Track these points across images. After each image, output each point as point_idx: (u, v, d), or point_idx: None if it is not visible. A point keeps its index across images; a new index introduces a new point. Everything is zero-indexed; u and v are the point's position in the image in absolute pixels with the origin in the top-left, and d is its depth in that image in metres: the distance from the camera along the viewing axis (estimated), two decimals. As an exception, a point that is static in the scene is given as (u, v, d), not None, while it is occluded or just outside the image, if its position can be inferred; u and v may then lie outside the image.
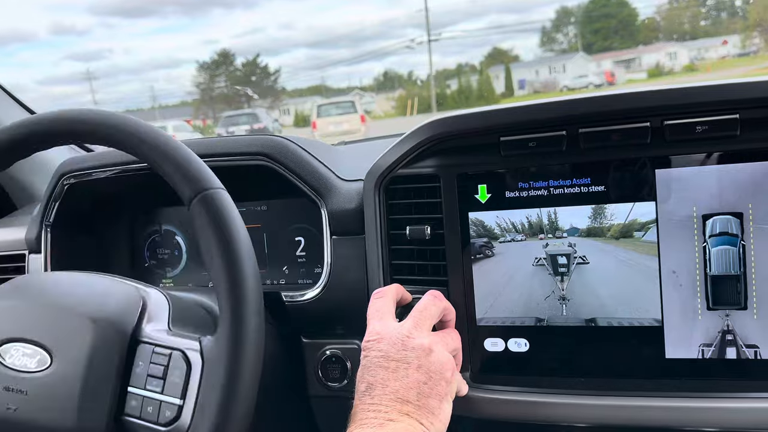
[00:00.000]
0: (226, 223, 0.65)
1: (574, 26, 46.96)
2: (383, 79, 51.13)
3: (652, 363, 0.79)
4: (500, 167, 0.82)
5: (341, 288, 0.96)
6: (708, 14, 36.88)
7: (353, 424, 0.66)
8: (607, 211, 0.78)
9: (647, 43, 37.39)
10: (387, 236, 0.90)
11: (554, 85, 32.56)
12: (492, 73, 40.53)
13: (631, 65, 33.36)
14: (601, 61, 35.75)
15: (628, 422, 0.79)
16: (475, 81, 39.45)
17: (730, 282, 0.75)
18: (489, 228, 0.83)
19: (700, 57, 32.05)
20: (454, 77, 43.02)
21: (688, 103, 0.75)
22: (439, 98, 33.50)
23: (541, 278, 0.82)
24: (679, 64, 31.05)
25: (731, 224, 0.74)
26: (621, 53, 36.75)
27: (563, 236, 0.81)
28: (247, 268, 0.64)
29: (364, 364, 0.71)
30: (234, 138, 1.03)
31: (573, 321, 0.81)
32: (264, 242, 1.11)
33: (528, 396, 0.83)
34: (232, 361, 0.63)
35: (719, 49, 30.75)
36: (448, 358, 0.72)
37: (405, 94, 38.48)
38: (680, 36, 36.84)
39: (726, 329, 0.76)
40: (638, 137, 0.76)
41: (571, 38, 46.71)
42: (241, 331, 0.63)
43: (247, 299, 0.64)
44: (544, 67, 39.28)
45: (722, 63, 26.91)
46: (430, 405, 0.67)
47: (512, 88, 36.69)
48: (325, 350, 1.00)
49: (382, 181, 0.89)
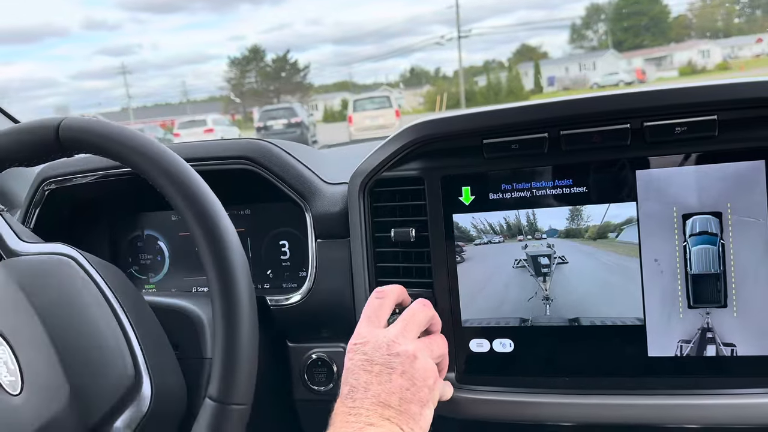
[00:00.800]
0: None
1: (604, 23, 46.61)
2: (410, 75, 50.91)
3: (634, 361, 0.80)
4: (484, 169, 0.83)
5: (326, 291, 0.96)
6: (742, 11, 36.76)
7: (333, 425, 0.66)
8: (584, 212, 0.80)
9: (679, 40, 37.11)
10: (372, 239, 0.90)
11: (584, 83, 32.29)
12: (521, 69, 40.25)
13: (662, 63, 33.14)
14: (632, 58, 35.39)
15: (612, 420, 0.80)
16: (504, 77, 39.30)
17: (710, 280, 0.76)
18: (470, 230, 0.84)
19: (734, 55, 31.71)
20: (482, 74, 42.90)
21: (667, 104, 0.76)
22: (467, 94, 33.41)
23: (524, 279, 0.83)
24: (713, 62, 30.66)
25: (710, 223, 0.76)
26: (652, 51, 36.40)
27: (542, 237, 0.82)
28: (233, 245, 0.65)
29: (348, 367, 0.71)
30: (217, 142, 1.03)
31: (557, 321, 0.82)
32: (248, 246, 1.10)
33: (513, 396, 0.84)
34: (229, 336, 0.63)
35: (753, 47, 30.46)
36: (432, 366, 0.72)
37: (434, 90, 38.34)
38: (713, 34, 36.53)
39: (706, 327, 0.77)
40: (619, 139, 0.78)
41: (601, 35, 46.42)
42: (235, 305, 0.63)
43: (239, 284, 0.64)
44: (574, 64, 39.02)
45: (757, 61, 26.51)
46: (411, 411, 0.67)
47: (541, 85, 36.55)
48: (310, 354, 1.00)
49: (367, 183, 0.90)
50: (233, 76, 48.12)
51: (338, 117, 34.50)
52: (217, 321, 0.62)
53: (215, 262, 0.63)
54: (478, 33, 62.89)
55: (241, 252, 0.65)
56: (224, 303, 0.62)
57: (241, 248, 0.65)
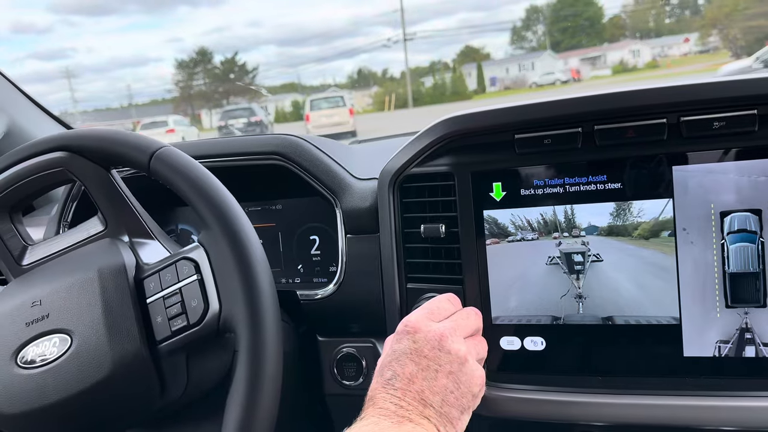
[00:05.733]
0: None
1: (542, 24, 47.38)
2: (357, 76, 51.41)
3: (669, 361, 0.78)
4: (515, 165, 0.82)
5: (356, 286, 0.96)
6: (672, 12, 37.35)
7: (372, 405, 0.65)
8: (633, 208, 0.78)
9: (613, 41, 37.98)
10: (401, 234, 0.90)
11: (523, 82, 32.97)
12: (465, 70, 41.31)
13: (596, 63, 33.92)
14: (569, 58, 36.24)
15: (645, 421, 0.79)
16: (449, 78, 40.28)
17: (748, 279, 0.74)
18: (503, 226, 0.83)
19: (664, 54, 32.44)
20: (428, 74, 43.68)
21: (705, 99, 0.74)
22: (415, 95, 34.44)
23: (556, 277, 0.82)
24: (643, 61, 31.64)
25: (750, 221, 0.73)
26: (587, 51, 37.27)
27: (580, 234, 0.80)
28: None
29: (394, 350, 0.69)
30: (249, 138, 1.04)
31: (589, 319, 0.81)
32: (279, 241, 1.11)
33: (545, 395, 0.83)
34: (237, 244, 0.66)
35: (681, 46, 31.06)
36: (481, 373, 0.71)
37: (382, 91, 39.26)
38: (645, 33, 37.31)
39: (744, 327, 0.75)
40: (655, 134, 0.76)
41: (540, 36, 47.16)
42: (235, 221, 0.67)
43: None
44: (514, 65, 39.98)
45: (684, 60, 27.46)
46: (451, 414, 0.66)
47: (484, 85, 37.40)
48: (341, 348, 1.01)
49: (397, 179, 0.89)
50: (181, 78, 48.00)
51: (290, 118, 34.85)
52: (239, 378, 0.63)
53: (248, 306, 0.64)
54: (423, 36, 63.34)
55: (274, 309, 0.66)
56: (250, 366, 0.63)
57: (274, 296, 0.67)
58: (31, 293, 0.73)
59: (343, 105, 17.59)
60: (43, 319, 0.70)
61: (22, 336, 0.70)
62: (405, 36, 35.84)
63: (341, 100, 18.03)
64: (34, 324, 0.70)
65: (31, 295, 0.73)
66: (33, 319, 0.70)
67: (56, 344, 0.68)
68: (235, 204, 0.70)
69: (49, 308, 0.71)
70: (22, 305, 0.72)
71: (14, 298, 0.74)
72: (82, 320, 0.69)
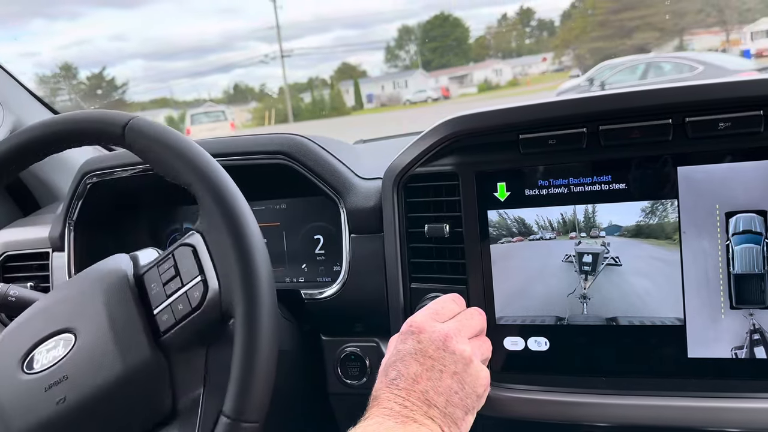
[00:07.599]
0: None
1: (414, 44, 48.41)
2: (234, 92, 51.67)
3: (674, 362, 0.78)
4: (520, 165, 0.82)
5: (360, 286, 0.96)
6: (532, 33, 39.26)
7: (377, 405, 0.64)
8: (668, 206, 0.76)
9: (479, 60, 39.54)
10: (406, 234, 0.90)
11: (398, 100, 33.54)
12: (342, 87, 42.19)
13: (464, 81, 34.98)
14: (439, 77, 37.40)
15: (650, 422, 0.78)
16: (327, 94, 41.17)
17: (753, 281, 0.74)
18: (528, 225, 0.82)
19: (524, 72, 33.72)
20: (306, 90, 44.54)
21: (710, 99, 0.74)
22: (294, 110, 35.26)
23: (566, 276, 0.81)
24: (505, 79, 33.07)
25: (755, 222, 0.73)
26: (455, 70, 38.57)
27: (600, 235, 0.80)
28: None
29: (398, 350, 0.69)
30: (253, 137, 1.04)
31: (593, 320, 0.80)
32: (283, 240, 1.11)
33: (549, 395, 0.83)
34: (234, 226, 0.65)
35: (540, 65, 32.42)
36: (486, 374, 0.71)
37: (261, 107, 39.99)
38: (507, 54, 39.03)
39: (753, 328, 0.75)
40: (660, 134, 0.76)
41: (413, 55, 48.26)
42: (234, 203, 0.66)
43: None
44: (389, 83, 41.01)
45: (542, 77, 28.88)
46: (455, 415, 0.66)
47: (362, 101, 38.18)
48: (344, 348, 1.01)
49: (401, 179, 0.89)
50: (43, 94, 48.46)
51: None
52: (237, 338, 0.63)
53: (243, 279, 0.64)
54: (300, 53, 63.98)
55: (269, 281, 0.65)
56: (245, 323, 0.63)
57: (270, 272, 0.66)
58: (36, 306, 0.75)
59: (224, 119, 18.34)
60: (47, 321, 0.71)
61: (28, 342, 0.71)
62: (282, 53, 37.05)
63: (222, 115, 19.02)
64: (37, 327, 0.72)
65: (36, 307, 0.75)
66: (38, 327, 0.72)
67: (61, 345, 0.69)
68: (218, 166, 0.69)
69: (54, 310, 0.72)
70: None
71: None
72: (85, 317, 0.69)
